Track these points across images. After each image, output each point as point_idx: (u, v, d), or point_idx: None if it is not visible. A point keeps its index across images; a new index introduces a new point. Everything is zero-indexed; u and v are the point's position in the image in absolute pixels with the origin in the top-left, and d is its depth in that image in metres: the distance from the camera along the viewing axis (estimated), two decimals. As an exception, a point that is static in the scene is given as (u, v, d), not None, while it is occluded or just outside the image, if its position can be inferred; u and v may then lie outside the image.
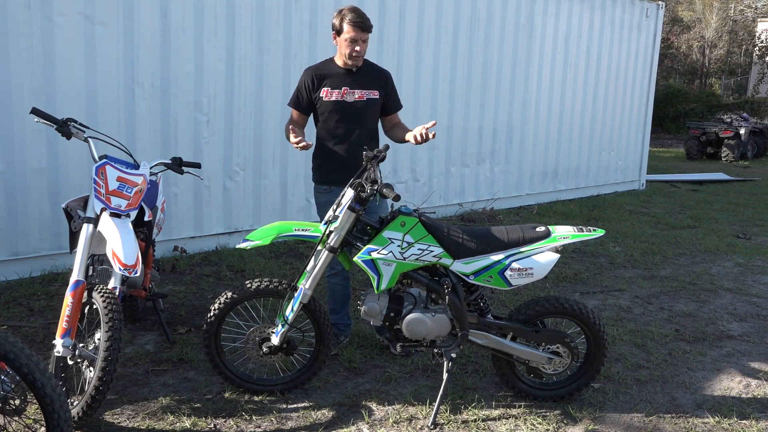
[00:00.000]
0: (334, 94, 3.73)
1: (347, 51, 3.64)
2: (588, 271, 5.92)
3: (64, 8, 5.06)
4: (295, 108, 3.85)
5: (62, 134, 3.35)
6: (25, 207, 5.11)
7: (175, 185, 5.85)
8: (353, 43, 3.62)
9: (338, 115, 3.76)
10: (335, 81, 3.74)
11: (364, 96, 3.76)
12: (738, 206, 9.69)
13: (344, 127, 3.78)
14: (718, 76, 31.40)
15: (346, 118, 3.77)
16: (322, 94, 3.74)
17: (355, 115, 3.77)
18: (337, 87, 3.73)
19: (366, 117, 3.80)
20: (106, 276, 3.53)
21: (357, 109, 3.76)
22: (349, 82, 3.75)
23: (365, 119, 3.80)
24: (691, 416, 3.38)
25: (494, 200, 8.65)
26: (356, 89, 3.75)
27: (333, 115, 3.77)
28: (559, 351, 3.32)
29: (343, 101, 3.74)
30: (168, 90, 5.68)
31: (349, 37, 3.61)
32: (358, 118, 3.78)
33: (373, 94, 3.79)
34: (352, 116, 3.77)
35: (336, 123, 3.78)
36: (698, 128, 16.83)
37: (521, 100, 8.86)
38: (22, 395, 2.47)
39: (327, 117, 3.79)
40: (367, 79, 3.79)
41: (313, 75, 3.76)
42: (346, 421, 3.22)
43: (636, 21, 10.44)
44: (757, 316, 4.92)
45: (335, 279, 3.95)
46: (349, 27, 3.59)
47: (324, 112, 3.79)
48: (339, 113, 3.76)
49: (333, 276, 3.94)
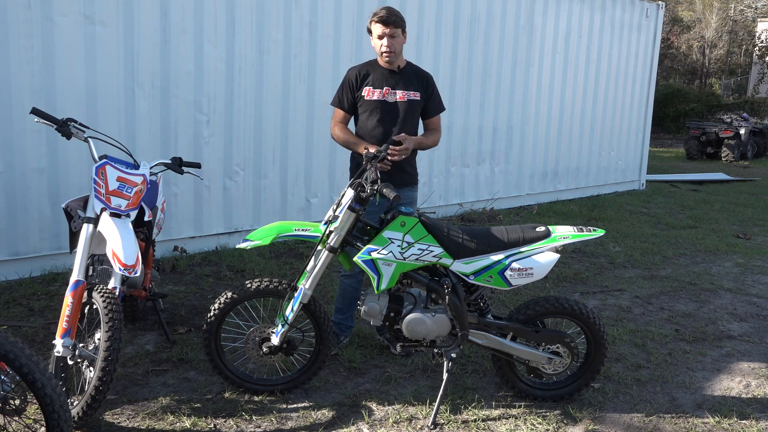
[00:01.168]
0: (375, 93, 3.73)
1: (378, 49, 3.65)
2: (588, 271, 5.92)
3: (64, 8, 5.06)
4: (339, 107, 3.83)
5: (62, 134, 3.35)
6: (25, 207, 5.11)
7: (175, 185, 5.85)
8: (381, 39, 3.62)
9: (379, 114, 3.74)
10: (378, 80, 3.74)
11: (405, 97, 3.75)
12: (738, 206, 9.69)
13: (384, 127, 3.75)
14: (718, 76, 31.41)
15: (386, 118, 3.74)
16: (364, 93, 3.74)
17: (395, 116, 3.75)
18: (379, 86, 3.73)
19: (406, 118, 3.77)
20: (106, 276, 3.53)
21: (398, 110, 3.75)
22: (392, 83, 3.74)
23: (405, 120, 3.77)
24: (691, 416, 3.38)
25: (494, 200, 8.65)
26: (398, 89, 3.74)
27: (374, 115, 3.75)
28: (559, 351, 3.32)
29: (384, 101, 3.73)
30: (168, 90, 5.68)
31: (376, 34, 3.63)
32: (398, 118, 3.75)
33: (414, 96, 3.77)
34: (393, 116, 3.75)
35: (376, 123, 3.75)
36: (698, 128, 16.83)
37: (521, 100, 8.86)
38: (22, 395, 2.47)
39: (368, 116, 3.77)
40: (410, 80, 3.78)
41: (357, 73, 3.76)
42: (346, 421, 3.22)
43: (636, 21, 10.44)
44: (757, 316, 4.92)
45: (349, 280, 3.95)
46: (375, 24, 3.61)
47: (365, 111, 3.77)
48: (379, 113, 3.74)
49: (347, 277, 3.93)
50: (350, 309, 4.01)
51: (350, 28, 6.80)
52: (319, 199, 6.86)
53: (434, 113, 3.91)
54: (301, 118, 6.56)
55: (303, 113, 6.57)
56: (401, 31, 3.67)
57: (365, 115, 3.77)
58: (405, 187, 3.81)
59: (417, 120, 3.88)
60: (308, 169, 6.73)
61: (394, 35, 3.62)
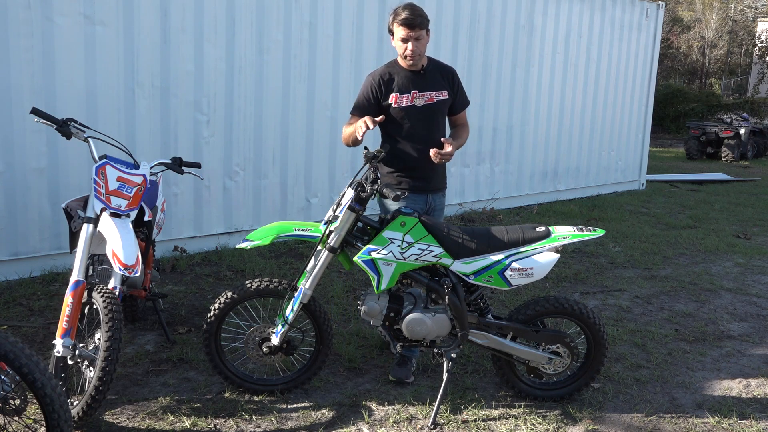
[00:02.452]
0: (404, 99, 3.52)
1: (401, 51, 3.47)
2: (588, 271, 5.92)
3: (64, 8, 5.06)
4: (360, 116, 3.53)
5: (62, 134, 3.35)
6: (25, 207, 5.11)
7: (175, 185, 5.85)
8: (405, 43, 3.43)
9: (410, 121, 3.54)
10: (403, 85, 3.53)
11: (434, 98, 3.57)
12: (738, 206, 9.69)
13: (416, 132, 3.55)
14: (718, 76, 31.40)
15: (418, 123, 3.55)
16: (392, 101, 3.52)
17: (426, 119, 3.57)
18: (406, 91, 3.53)
19: (438, 119, 3.61)
20: (106, 276, 3.53)
21: (428, 113, 3.57)
22: (418, 85, 3.54)
23: (437, 121, 3.61)
24: (691, 416, 3.38)
25: (494, 200, 8.65)
26: (426, 91, 3.56)
27: (405, 121, 3.54)
28: (559, 351, 3.32)
29: (413, 106, 3.54)
30: (168, 90, 5.68)
31: (399, 37, 3.43)
32: (429, 121, 3.58)
33: (442, 95, 3.60)
34: (424, 120, 3.56)
35: (408, 129, 3.55)
36: (698, 128, 16.83)
37: (521, 100, 8.86)
38: (22, 395, 2.47)
39: (398, 124, 3.55)
40: (435, 79, 3.59)
41: (380, 79, 3.54)
42: (346, 421, 3.22)
43: (636, 21, 10.44)
44: (757, 316, 4.92)
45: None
46: (398, 26, 3.41)
47: (395, 118, 3.55)
48: (410, 119, 3.54)
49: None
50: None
51: (350, 28, 6.80)
52: (319, 199, 6.86)
53: (461, 108, 3.75)
54: (301, 118, 6.56)
55: (303, 113, 6.57)
56: (425, 32, 3.46)
57: (396, 123, 3.56)
58: (437, 193, 3.70)
59: (446, 118, 3.74)
60: (308, 169, 6.73)
61: (419, 38, 3.42)
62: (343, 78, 6.82)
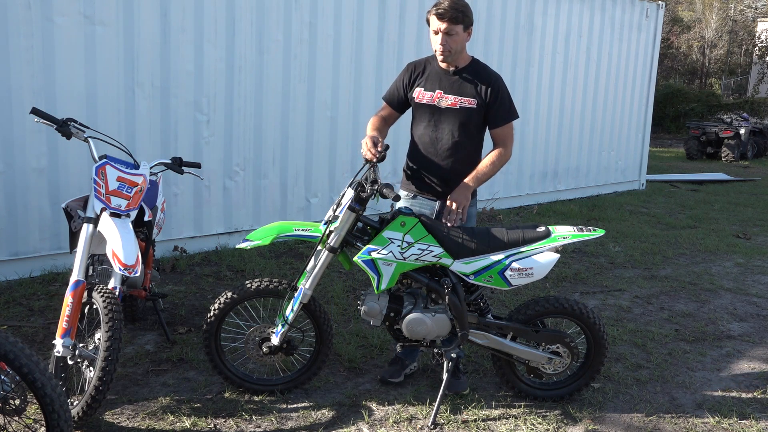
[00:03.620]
0: (426, 96, 3.35)
1: (433, 45, 3.24)
2: (588, 271, 5.91)
3: (64, 8, 5.05)
4: (388, 103, 3.48)
5: (62, 134, 3.35)
6: (25, 207, 5.11)
7: (175, 185, 5.85)
8: (435, 36, 3.21)
9: (427, 120, 3.37)
10: (431, 82, 3.34)
11: (457, 104, 3.30)
12: (738, 206, 9.69)
13: (432, 134, 3.37)
14: (718, 76, 31.41)
15: (436, 125, 3.36)
16: (415, 95, 3.38)
17: (445, 123, 3.34)
18: (431, 89, 3.34)
19: (458, 127, 3.33)
20: (106, 276, 3.53)
21: (448, 118, 3.33)
22: (446, 85, 3.32)
23: (457, 129, 3.33)
24: (691, 416, 3.38)
25: (494, 200, 8.65)
26: (451, 94, 3.31)
27: (422, 120, 3.39)
28: (559, 351, 3.32)
29: (435, 106, 3.34)
30: (168, 90, 5.68)
31: (432, 28, 3.22)
32: (448, 126, 3.34)
33: (469, 103, 3.30)
34: (443, 124, 3.35)
35: (424, 129, 3.39)
36: (698, 128, 16.83)
37: (521, 100, 8.85)
38: (22, 395, 2.46)
39: (417, 120, 3.43)
40: (466, 84, 3.31)
41: (413, 69, 3.40)
42: (346, 421, 3.22)
43: (636, 21, 10.44)
44: (757, 316, 4.92)
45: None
46: (431, 16, 3.20)
47: (415, 114, 3.45)
48: (428, 118, 3.37)
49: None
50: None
51: (350, 28, 6.80)
52: (319, 199, 6.86)
53: (500, 123, 3.34)
54: (301, 118, 6.56)
55: (303, 113, 6.57)
56: (462, 28, 3.20)
57: (415, 119, 3.44)
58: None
59: (475, 130, 3.39)
60: (308, 169, 6.73)
61: (450, 32, 3.17)
62: (343, 78, 6.82)
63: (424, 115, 3.40)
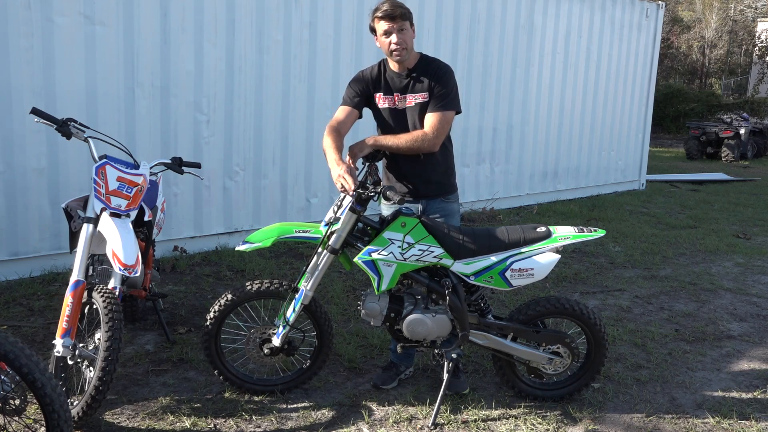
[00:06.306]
0: (387, 101, 3.36)
1: (386, 48, 3.24)
2: (588, 271, 5.91)
3: (64, 8, 5.05)
4: (351, 105, 3.38)
5: (62, 134, 3.35)
6: (25, 207, 5.11)
7: (175, 185, 5.85)
8: (388, 36, 3.21)
9: (389, 124, 3.38)
10: (387, 86, 3.36)
11: (413, 101, 3.32)
12: (738, 206, 9.69)
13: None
14: (718, 76, 31.41)
15: (396, 128, 3.35)
16: (376, 100, 3.39)
17: (405, 124, 3.35)
18: (389, 93, 3.35)
19: (417, 123, 3.33)
20: (106, 276, 3.53)
21: (407, 116, 3.35)
22: (401, 87, 3.34)
23: (417, 125, 3.33)
24: (691, 416, 3.38)
25: (494, 200, 8.65)
26: (407, 93, 3.33)
27: (386, 124, 3.39)
28: (559, 351, 3.32)
29: (395, 108, 3.36)
30: (168, 90, 5.68)
31: (381, 31, 3.22)
32: (409, 124, 3.35)
33: (421, 97, 3.31)
34: (403, 125, 3.35)
35: (390, 132, 3.37)
36: (698, 128, 16.84)
37: (521, 100, 8.86)
38: (22, 395, 2.46)
39: (381, 127, 3.44)
40: (418, 81, 3.32)
41: (369, 73, 3.41)
42: (346, 421, 3.22)
43: (636, 21, 10.44)
44: (757, 316, 4.92)
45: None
46: (379, 21, 3.22)
47: (378, 122, 3.45)
48: (391, 122, 3.37)
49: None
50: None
51: (350, 28, 6.80)
52: (319, 199, 6.86)
53: (432, 108, 3.29)
54: (301, 118, 6.56)
55: (303, 113, 6.57)
56: (409, 24, 3.25)
57: (379, 127, 3.46)
58: (434, 199, 3.45)
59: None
60: (308, 169, 6.73)
61: (402, 29, 3.20)
62: (343, 78, 6.81)
63: (386, 120, 3.40)
